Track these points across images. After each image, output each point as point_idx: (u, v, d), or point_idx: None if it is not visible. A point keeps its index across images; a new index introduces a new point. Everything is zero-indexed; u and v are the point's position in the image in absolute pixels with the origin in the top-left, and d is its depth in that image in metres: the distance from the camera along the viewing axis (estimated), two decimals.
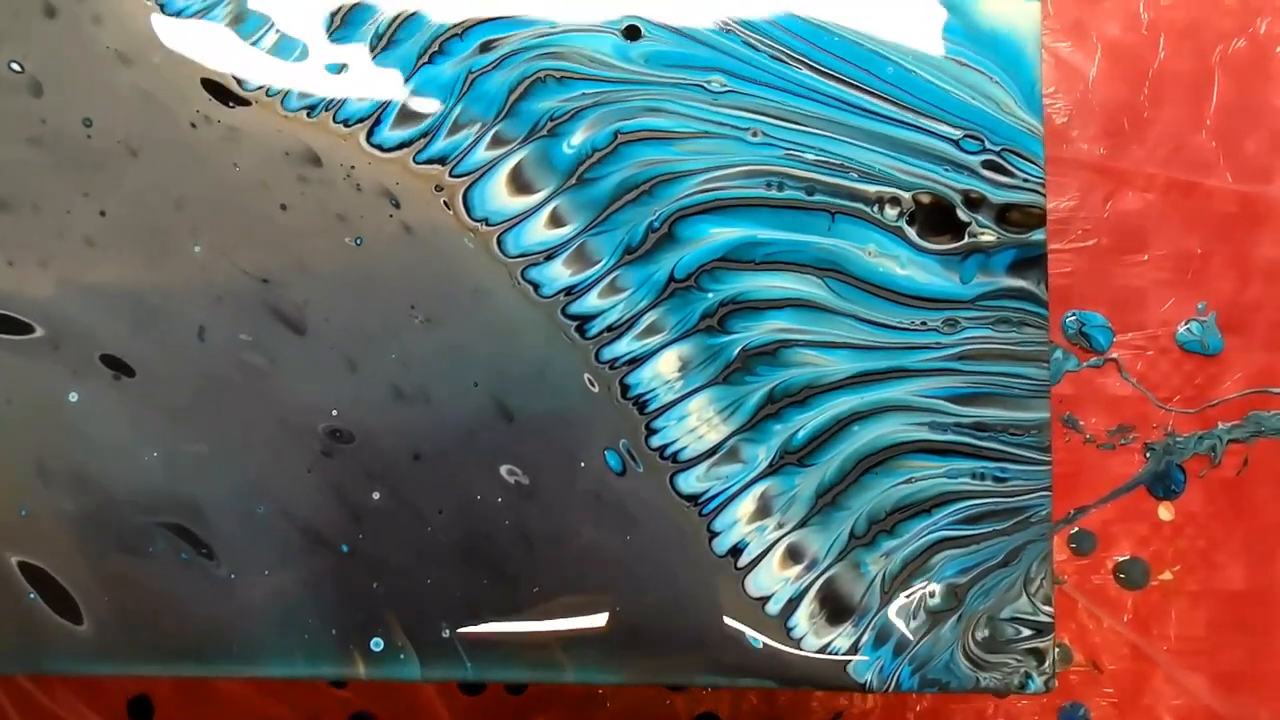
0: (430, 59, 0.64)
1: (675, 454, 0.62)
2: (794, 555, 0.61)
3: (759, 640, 0.61)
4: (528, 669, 0.61)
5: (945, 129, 0.63)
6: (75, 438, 0.62)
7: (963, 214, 0.63)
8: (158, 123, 0.63)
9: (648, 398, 0.62)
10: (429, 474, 0.62)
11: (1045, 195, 0.63)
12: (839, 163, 0.63)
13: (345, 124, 0.63)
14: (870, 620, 0.61)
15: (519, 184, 0.63)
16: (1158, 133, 0.94)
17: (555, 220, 0.63)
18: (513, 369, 0.62)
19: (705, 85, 0.63)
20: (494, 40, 0.64)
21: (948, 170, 0.63)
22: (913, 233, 0.63)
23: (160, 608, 0.61)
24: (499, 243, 0.63)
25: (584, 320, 0.63)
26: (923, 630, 0.61)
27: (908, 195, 0.63)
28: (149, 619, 0.61)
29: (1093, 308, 0.94)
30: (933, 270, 0.63)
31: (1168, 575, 0.92)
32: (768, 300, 0.63)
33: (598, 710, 0.88)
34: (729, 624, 0.61)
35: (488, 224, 0.63)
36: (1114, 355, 0.93)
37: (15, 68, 0.64)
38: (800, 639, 0.61)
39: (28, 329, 0.62)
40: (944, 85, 0.63)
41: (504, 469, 0.62)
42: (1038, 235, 0.63)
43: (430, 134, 0.63)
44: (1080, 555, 0.93)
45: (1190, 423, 0.93)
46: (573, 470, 0.62)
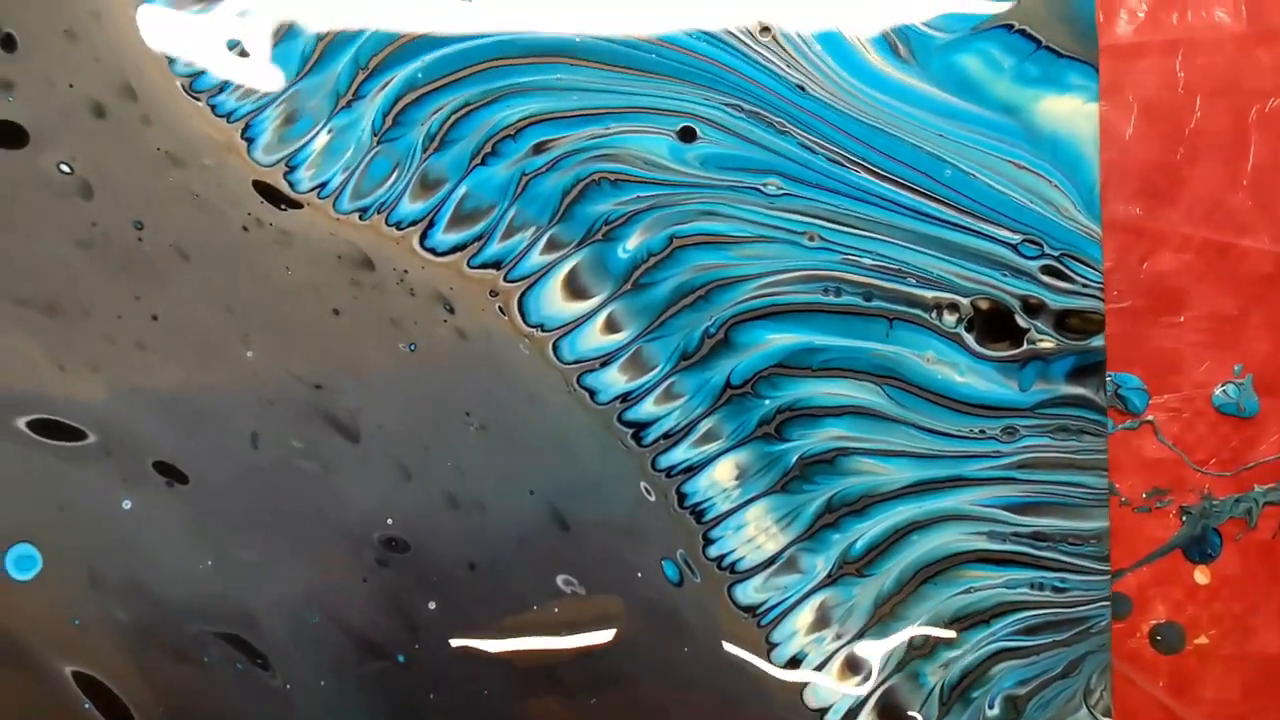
0: (483, 160, 0.63)
1: (733, 564, 0.62)
2: (853, 666, 0.61)
3: None
4: None
5: (1004, 233, 0.63)
6: (128, 545, 0.61)
7: (1021, 320, 0.62)
8: (209, 225, 0.63)
9: (705, 506, 0.62)
10: (485, 583, 0.61)
11: (1104, 300, 0.62)
12: (896, 268, 0.63)
13: (398, 227, 0.63)
14: None
15: (574, 289, 0.63)
16: (1194, 193, 0.93)
17: (610, 326, 0.63)
18: (568, 477, 0.62)
19: (761, 188, 0.63)
20: (547, 142, 0.63)
21: (1006, 275, 0.63)
22: (971, 339, 0.62)
23: (215, 718, 0.61)
24: (554, 349, 0.62)
25: (640, 427, 0.62)
26: None
27: (966, 301, 0.62)
28: None
29: (1128, 369, 0.93)
30: (991, 377, 0.62)
31: (1203, 640, 0.92)
32: (825, 407, 0.62)
33: None
34: None
35: (543, 329, 0.63)
36: (1150, 418, 0.93)
37: (65, 169, 0.63)
38: None
39: (80, 435, 0.62)
40: (1002, 189, 0.63)
41: (560, 578, 0.61)
42: (1097, 341, 0.63)
43: (484, 238, 0.63)
44: (1116, 619, 0.92)
45: (1226, 486, 0.92)
46: (630, 580, 0.61)
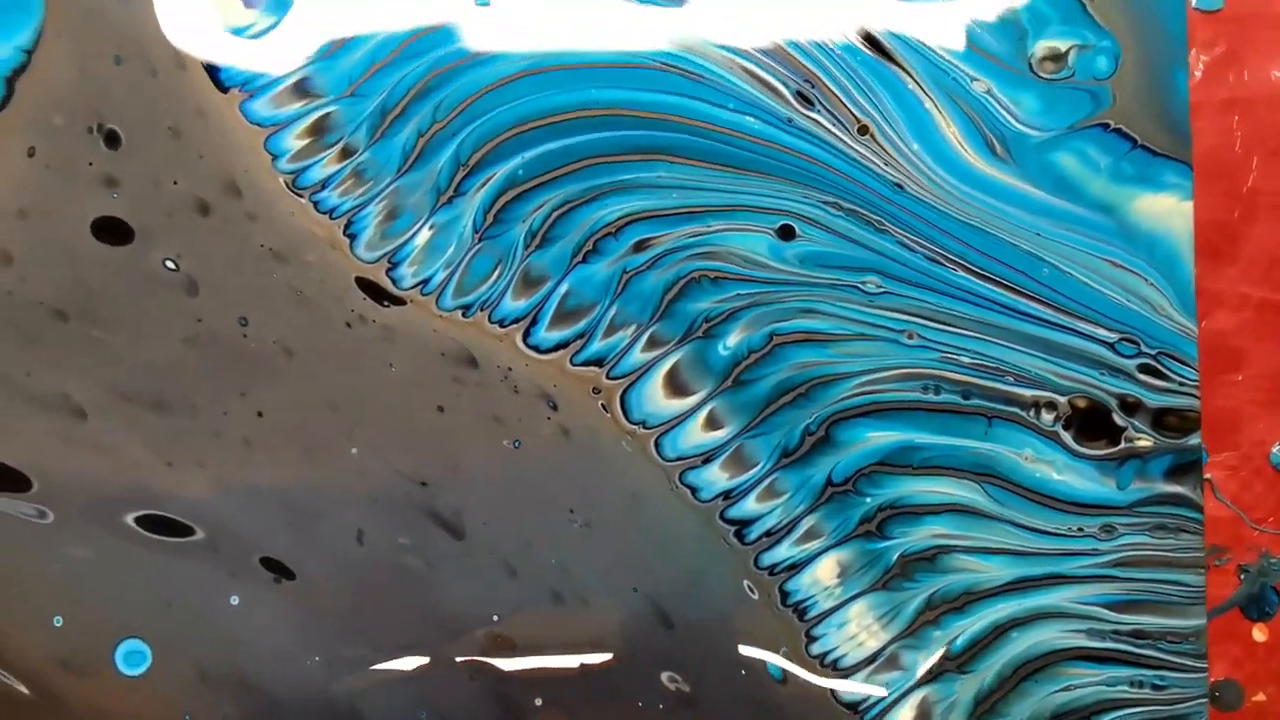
0: (585, 258, 0.64)
1: (836, 661, 0.62)
2: None
3: None
4: None
5: (1101, 332, 0.63)
6: (236, 641, 0.62)
7: (1119, 419, 0.63)
8: (313, 322, 0.63)
9: (807, 604, 0.62)
10: (590, 680, 0.62)
11: (1200, 399, 0.63)
12: (995, 366, 0.63)
13: (501, 324, 0.64)
14: None
15: (675, 386, 0.63)
16: (1251, 251, 0.94)
17: (712, 423, 0.63)
18: (671, 574, 0.62)
19: (860, 286, 0.64)
20: (648, 239, 0.64)
21: (1103, 374, 0.63)
22: (1069, 438, 0.63)
23: None
24: (657, 445, 0.63)
25: (743, 525, 0.63)
26: None
27: (1064, 400, 0.63)
28: None
29: None
30: (1089, 475, 0.63)
31: (1261, 697, 0.93)
32: (926, 505, 0.63)
33: None
34: None
35: (645, 426, 0.63)
36: (1208, 476, 0.93)
37: (170, 265, 0.64)
38: None
39: (188, 531, 0.63)
40: (1099, 287, 0.63)
41: (665, 675, 0.62)
42: (1193, 440, 0.64)
43: (587, 335, 0.64)
44: None
45: None
46: (734, 677, 0.62)
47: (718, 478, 0.63)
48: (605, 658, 0.62)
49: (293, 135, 0.64)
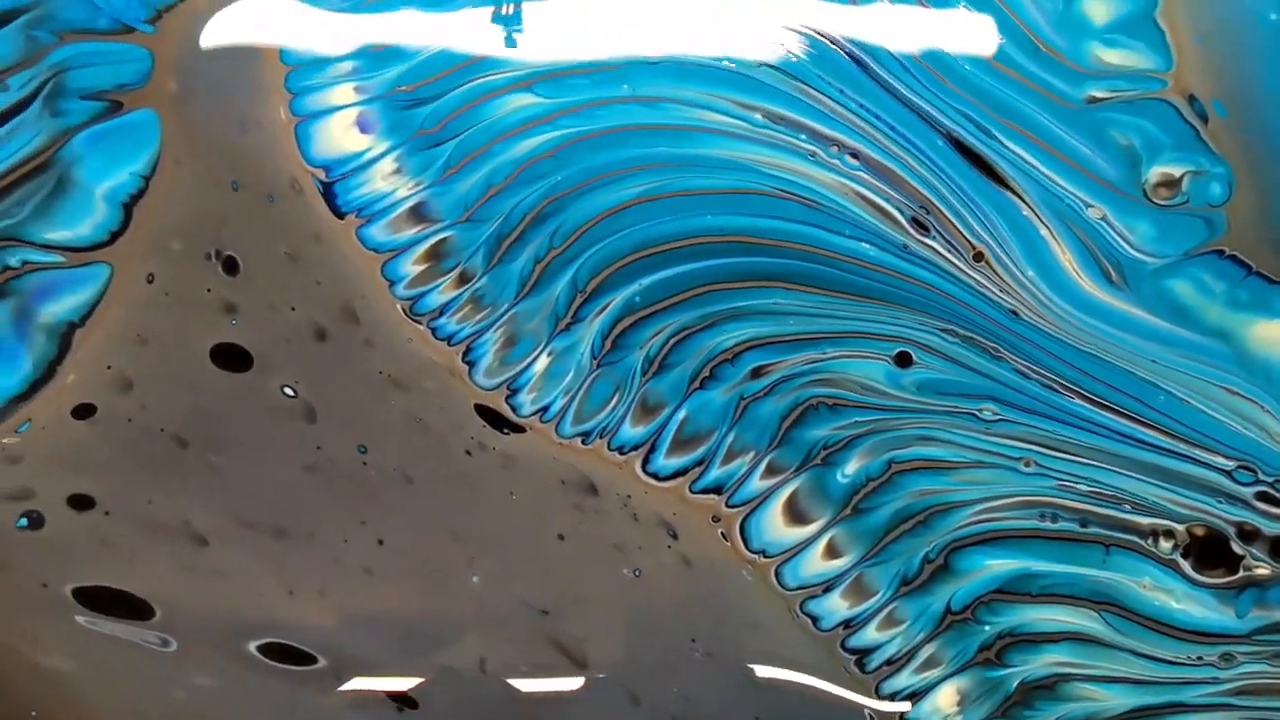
0: (702, 384, 0.64)
1: None
2: None
3: None
4: None
5: (1218, 459, 0.64)
6: None
7: (1237, 547, 0.64)
8: (432, 450, 0.64)
9: None
10: None
11: None
12: (1112, 494, 0.64)
13: (620, 451, 0.64)
14: None
15: (794, 514, 0.64)
16: None
17: (832, 551, 0.64)
18: (793, 703, 0.63)
19: (977, 414, 0.64)
20: (765, 366, 0.64)
21: (1221, 502, 0.64)
22: (1187, 566, 0.63)
23: None
24: (777, 574, 0.64)
25: (863, 654, 0.63)
26: None
27: (1182, 528, 0.64)
28: None
29: None
30: (1208, 603, 0.63)
31: None
32: (1045, 633, 0.63)
33: None
34: None
35: (765, 555, 0.64)
36: None
37: (289, 392, 0.64)
38: None
39: (310, 659, 0.63)
40: (1215, 414, 0.64)
41: None
42: None
43: (705, 462, 0.64)
44: None
45: None
46: None
47: (838, 606, 0.63)
48: None
49: (410, 260, 0.64)
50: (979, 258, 0.64)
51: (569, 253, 0.64)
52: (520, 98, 0.64)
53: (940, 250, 0.64)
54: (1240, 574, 0.64)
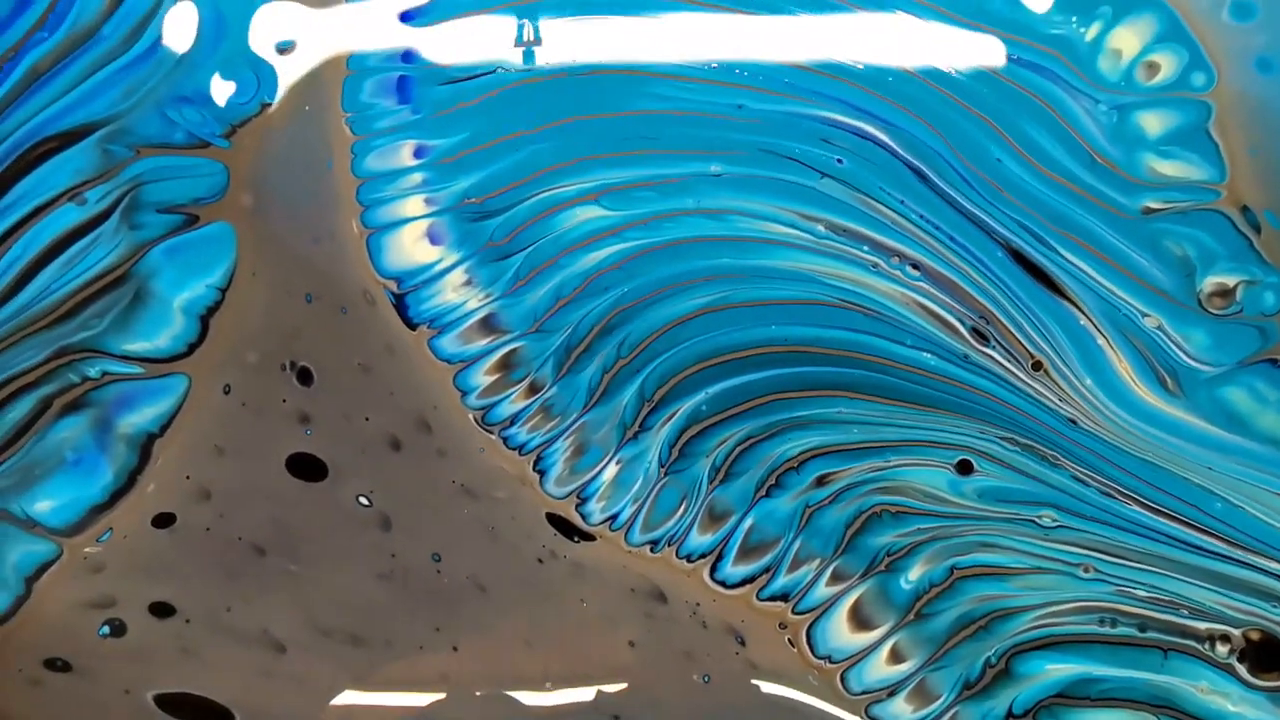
0: (768, 492, 0.66)
1: None
2: None
3: None
4: None
5: (1273, 565, 0.65)
6: None
7: None
8: (505, 558, 0.65)
9: None
10: None
11: None
12: (1170, 599, 0.65)
13: (688, 559, 0.65)
14: None
15: (860, 620, 0.65)
16: None
17: (896, 656, 0.65)
18: None
19: (1037, 520, 0.65)
20: (830, 474, 0.66)
21: (1276, 607, 0.65)
22: (1243, 670, 0.65)
23: None
24: (843, 680, 0.65)
25: None
26: None
27: (1238, 633, 0.65)
28: None
29: None
30: (1264, 706, 0.65)
31: None
32: None
33: None
34: None
35: (831, 661, 0.65)
36: None
37: (364, 501, 0.65)
38: None
39: None
40: (1270, 521, 0.65)
41: None
42: None
43: (772, 570, 0.65)
44: None
45: None
46: None
47: (903, 711, 0.65)
48: None
49: (481, 371, 0.66)
50: (1038, 367, 0.66)
51: (636, 363, 0.66)
52: (588, 210, 0.66)
53: (1000, 360, 0.66)
54: None
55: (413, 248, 0.66)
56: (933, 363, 0.66)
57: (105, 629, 0.66)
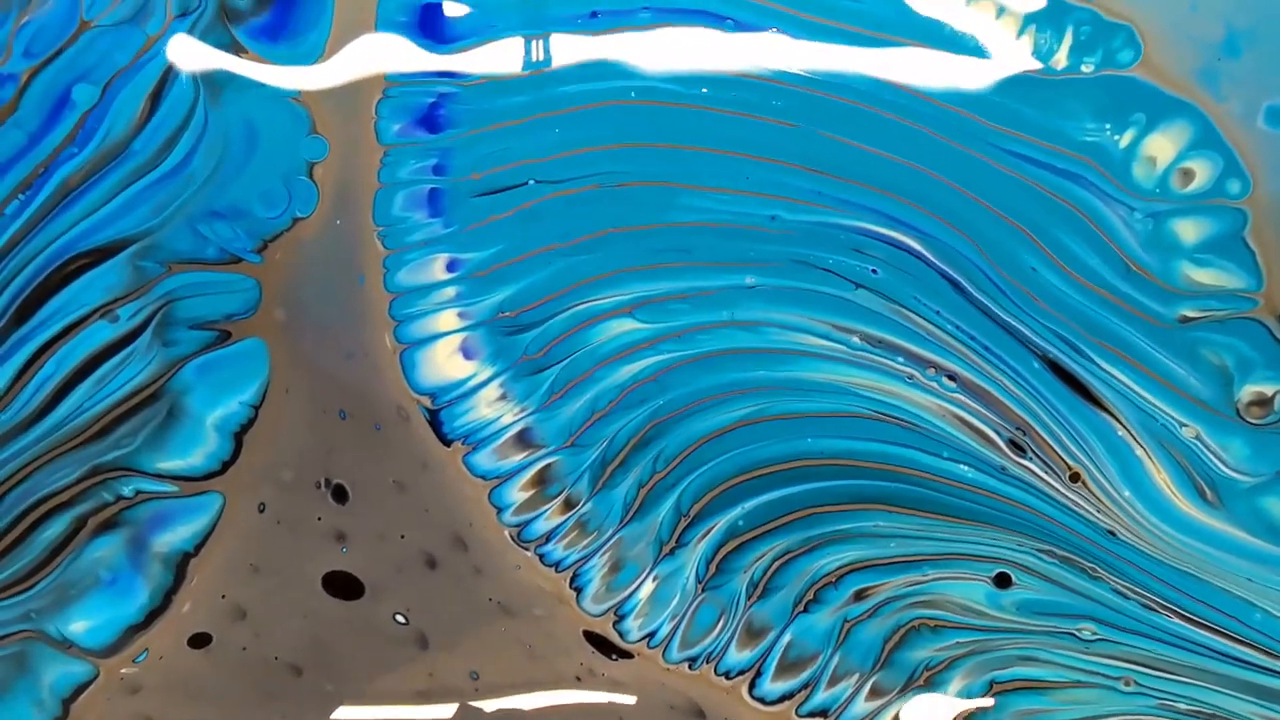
0: (806, 607, 0.65)
1: None
2: None
3: None
4: None
5: None
6: None
7: None
8: (542, 675, 0.65)
9: None
10: None
11: None
12: (1210, 712, 0.65)
13: (726, 676, 0.65)
14: None
15: None
16: None
17: None
18: None
19: (1076, 633, 0.65)
20: (868, 589, 0.65)
21: None
22: None
23: None
24: None
25: None
26: None
27: None
28: None
29: None
30: None
31: None
32: None
33: None
34: None
35: None
36: None
37: (400, 620, 0.65)
38: None
39: None
40: None
41: None
42: None
43: (811, 685, 0.65)
44: None
45: None
46: None
47: None
48: None
49: (516, 487, 0.66)
50: (1075, 478, 0.65)
51: (672, 477, 0.66)
52: (622, 323, 0.66)
53: (1037, 471, 0.65)
54: None
55: (446, 363, 0.66)
56: (970, 475, 0.65)
57: None
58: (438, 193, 0.66)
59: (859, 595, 0.66)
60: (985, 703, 0.65)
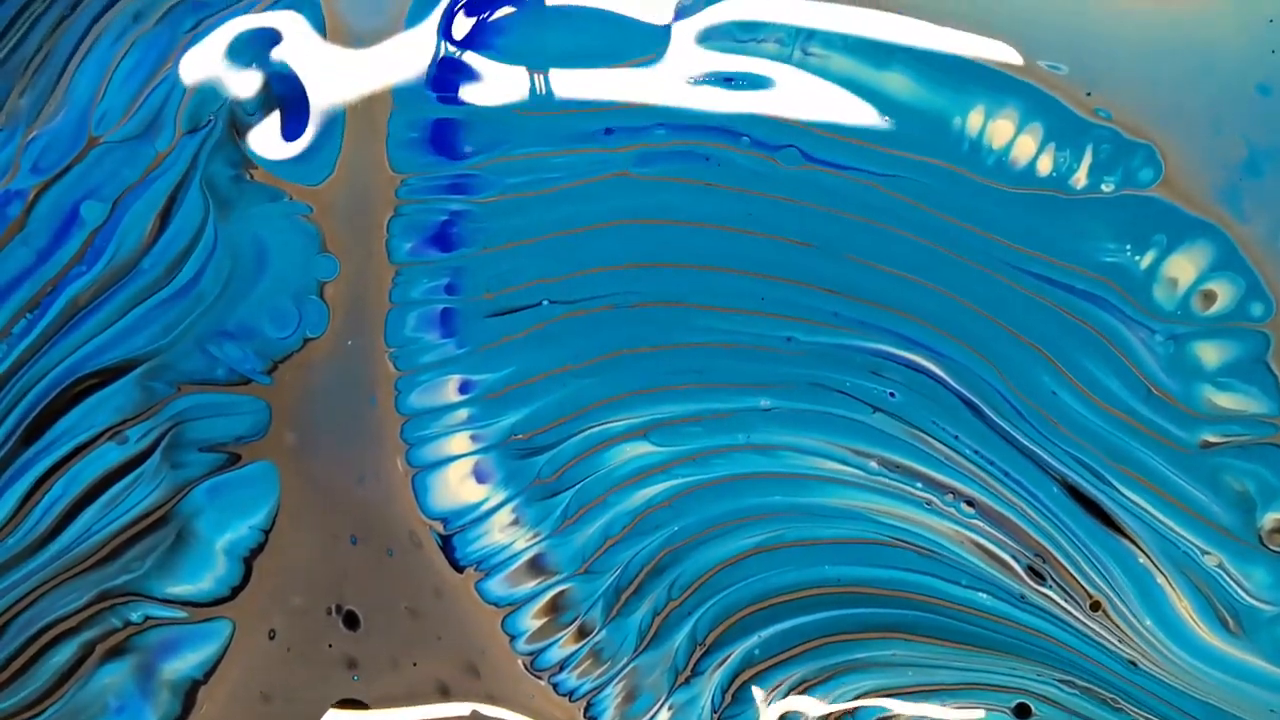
0: None
1: None
2: None
3: None
4: None
5: None
6: None
7: None
8: None
9: None
10: None
11: None
12: None
13: None
14: None
15: None
16: None
17: None
18: None
19: None
20: (885, 719, 0.65)
21: None
22: None
23: None
24: None
25: None
26: None
27: None
28: None
29: None
30: None
31: None
32: None
33: None
34: None
35: None
36: None
37: None
38: None
39: None
40: None
41: None
42: None
43: None
44: None
45: None
46: None
47: None
48: None
49: (529, 615, 0.65)
50: (1096, 607, 0.64)
51: (687, 605, 0.65)
52: (636, 446, 0.65)
53: (1057, 599, 0.64)
54: None
55: (459, 486, 0.65)
56: (988, 603, 0.65)
57: None
58: (450, 312, 0.65)
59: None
60: None
